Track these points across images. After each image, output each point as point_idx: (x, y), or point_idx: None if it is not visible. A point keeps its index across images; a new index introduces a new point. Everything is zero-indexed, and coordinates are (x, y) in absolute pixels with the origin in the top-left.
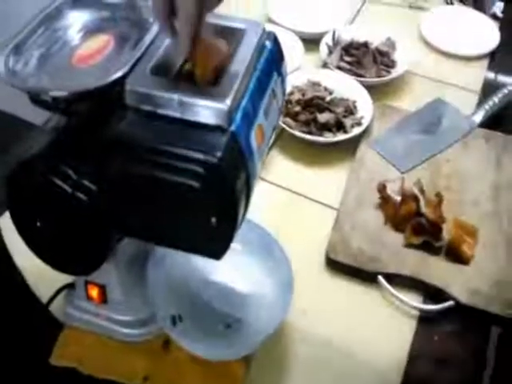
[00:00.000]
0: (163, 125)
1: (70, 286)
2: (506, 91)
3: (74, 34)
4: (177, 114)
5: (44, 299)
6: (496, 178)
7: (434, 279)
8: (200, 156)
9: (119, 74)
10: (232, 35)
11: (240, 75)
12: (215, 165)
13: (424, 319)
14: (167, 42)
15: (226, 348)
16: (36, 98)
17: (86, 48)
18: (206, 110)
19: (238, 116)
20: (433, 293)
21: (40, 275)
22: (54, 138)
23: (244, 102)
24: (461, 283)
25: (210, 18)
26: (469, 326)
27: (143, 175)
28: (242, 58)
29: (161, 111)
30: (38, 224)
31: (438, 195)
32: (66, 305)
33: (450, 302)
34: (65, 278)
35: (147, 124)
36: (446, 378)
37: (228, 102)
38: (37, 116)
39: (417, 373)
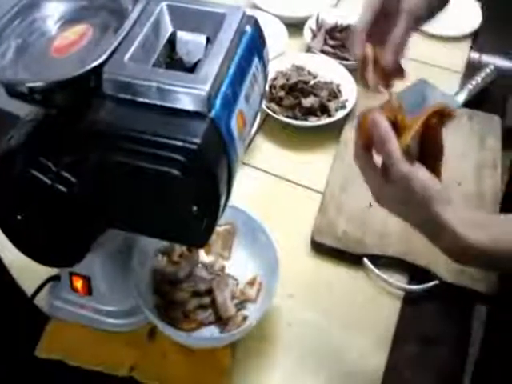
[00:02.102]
0: (142, 113)
1: (54, 279)
2: (488, 71)
3: (51, 24)
4: (155, 102)
5: (29, 292)
6: (479, 158)
7: (418, 259)
8: (179, 143)
9: (96, 62)
10: (212, 20)
11: (219, 60)
12: (195, 151)
13: (409, 299)
14: (145, 29)
15: (211, 335)
16: (12, 90)
17: (64, 38)
18: (184, 97)
19: (218, 102)
20: (418, 273)
21: (24, 268)
22: (33, 130)
23: (224, 88)
24: (445, 263)
25: (191, 4)
26: (453, 305)
27: (123, 164)
28: (222, 43)
29: (139, 99)
30: (19, 217)
31: None
32: (51, 297)
33: (435, 282)
34: (49, 271)
35: (126, 112)
36: (432, 357)
37: (207, 87)
38: (21, 108)
39: (402, 352)
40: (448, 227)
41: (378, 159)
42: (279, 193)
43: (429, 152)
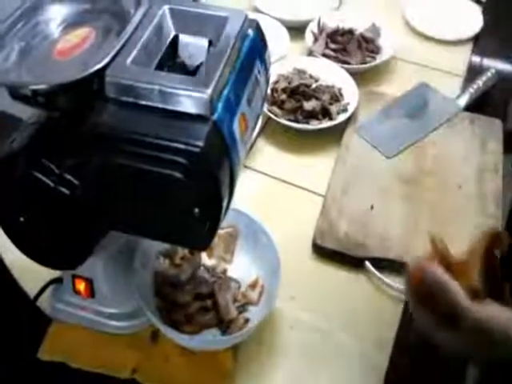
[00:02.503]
0: (144, 116)
1: (57, 281)
2: (489, 74)
3: (54, 27)
4: (158, 105)
5: (31, 294)
6: (481, 161)
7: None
8: (182, 146)
9: (99, 66)
10: (214, 23)
11: (221, 64)
12: (197, 154)
13: None
14: (147, 33)
15: (213, 338)
16: (15, 93)
17: (66, 41)
18: (187, 100)
19: (220, 105)
20: None
21: (27, 270)
22: (36, 133)
23: (226, 91)
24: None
25: (193, 7)
26: None
27: (125, 167)
28: (224, 47)
29: (141, 102)
30: (21, 219)
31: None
32: (53, 299)
33: None
34: (52, 273)
35: (128, 115)
36: (433, 359)
37: (209, 90)
38: (24, 111)
39: (404, 355)
40: None
41: None
42: (281, 196)
43: (491, 279)
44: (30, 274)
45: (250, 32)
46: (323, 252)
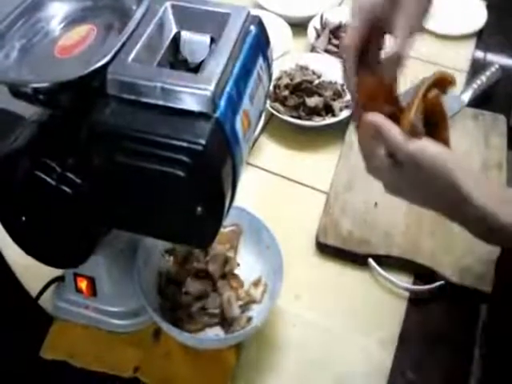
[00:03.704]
0: (146, 113)
1: (59, 279)
2: (493, 70)
3: (55, 24)
4: (160, 102)
5: (34, 293)
6: (485, 157)
7: (424, 260)
8: (184, 144)
9: (100, 63)
10: (216, 20)
11: (224, 60)
12: (200, 152)
13: (414, 300)
14: (149, 29)
15: (216, 336)
16: (17, 91)
17: (68, 38)
18: (189, 97)
19: (223, 102)
20: (423, 273)
21: (29, 269)
22: (37, 131)
23: (228, 88)
24: (451, 263)
25: (195, 4)
26: (459, 306)
27: (127, 165)
28: (226, 43)
29: (143, 99)
30: (23, 218)
31: None
32: (55, 298)
33: (441, 282)
34: (54, 272)
35: (130, 113)
36: (437, 357)
37: (211, 87)
38: (26, 108)
39: (408, 353)
40: (473, 200)
41: None
42: (283, 193)
43: (433, 124)
44: (32, 273)
45: (253, 28)
46: (326, 249)
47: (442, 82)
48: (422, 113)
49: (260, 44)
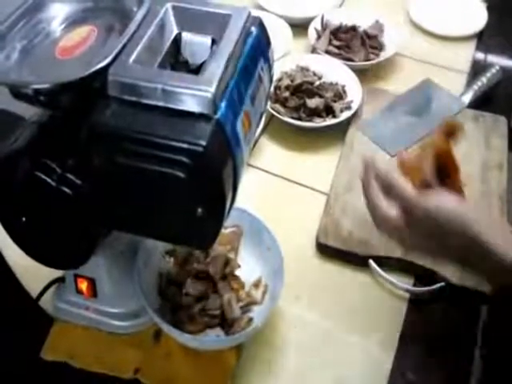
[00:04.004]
0: (147, 114)
1: (59, 280)
2: (494, 71)
3: (56, 25)
4: (160, 103)
5: (34, 294)
6: (485, 158)
7: (424, 261)
8: (185, 145)
9: (101, 64)
10: (217, 21)
11: (225, 62)
12: (200, 154)
13: (415, 301)
14: (150, 31)
15: (216, 337)
16: (17, 92)
17: (69, 39)
18: (190, 98)
19: (223, 103)
20: (423, 275)
21: (29, 270)
22: (38, 132)
23: (229, 89)
24: (451, 264)
25: (195, 5)
26: (459, 307)
27: (128, 166)
28: (227, 44)
29: (144, 101)
30: (24, 219)
31: None
32: (55, 299)
33: (441, 283)
34: (54, 273)
35: (131, 114)
36: (438, 358)
37: (212, 89)
38: (26, 109)
39: (408, 354)
40: (491, 248)
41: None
42: (284, 194)
43: (446, 173)
44: (33, 274)
45: (254, 29)
46: (327, 250)
47: (451, 131)
48: (434, 166)
49: (261, 45)
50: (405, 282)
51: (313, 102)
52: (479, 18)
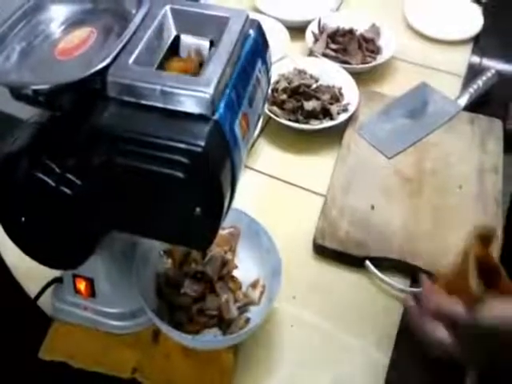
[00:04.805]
0: (146, 115)
1: (58, 281)
2: (489, 75)
3: (56, 27)
4: (159, 104)
5: (32, 294)
6: (481, 161)
7: (420, 262)
8: (184, 146)
9: (101, 65)
10: (215, 24)
11: (223, 63)
12: (199, 154)
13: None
14: (149, 33)
15: (214, 337)
16: (17, 93)
17: (68, 41)
18: (188, 99)
19: (222, 104)
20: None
21: (28, 270)
22: (37, 132)
23: (228, 91)
24: (447, 265)
25: (194, 7)
26: None
27: (126, 167)
28: (226, 47)
29: (143, 102)
30: (23, 219)
31: None
32: (54, 299)
33: None
34: (53, 273)
35: (130, 115)
36: (433, 358)
37: (211, 90)
38: (24, 111)
39: (404, 354)
40: None
41: None
42: (281, 195)
43: (489, 278)
44: (31, 274)
45: (252, 32)
46: (324, 252)
47: (486, 238)
48: (478, 276)
49: (259, 48)
50: (401, 283)
51: (310, 105)
52: (475, 22)
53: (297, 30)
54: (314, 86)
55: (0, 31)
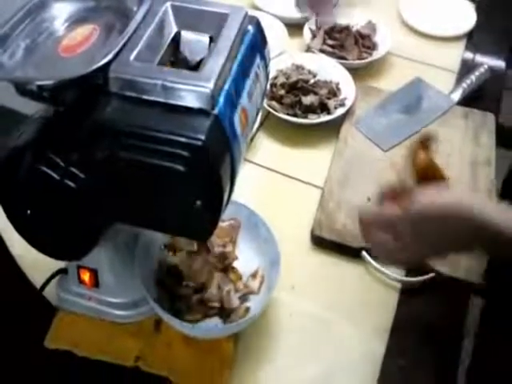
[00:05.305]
0: (147, 110)
1: (62, 272)
2: (482, 70)
3: (59, 24)
4: (160, 99)
5: (38, 284)
6: (474, 154)
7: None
8: (184, 139)
9: (103, 61)
10: (215, 20)
11: (223, 59)
12: (199, 148)
13: (406, 291)
14: (150, 29)
15: (215, 326)
16: (22, 88)
17: (71, 38)
18: (189, 94)
19: (222, 99)
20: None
21: (33, 261)
22: (42, 127)
23: (227, 86)
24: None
25: (194, 4)
26: (449, 297)
27: (128, 160)
28: (225, 42)
29: (144, 97)
30: (28, 212)
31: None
32: (59, 289)
33: (431, 274)
34: (58, 264)
35: (131, 109)
36: (428, 345)
37: (211, 85)
38: (29, 106)
39: (400, 343)
40: (488, 224)
41: None
42: (280, 188)
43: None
44: (37, 265)
45: (250, 28)
46: (322, 243)
47: (426, 141)
48: (417, 177)
49: (257, 43)
50: (397, 273)
51: (308, 99)
52: (468, 19)
53: (295, 27)
54: (312, 81)
55: (5, 29)
